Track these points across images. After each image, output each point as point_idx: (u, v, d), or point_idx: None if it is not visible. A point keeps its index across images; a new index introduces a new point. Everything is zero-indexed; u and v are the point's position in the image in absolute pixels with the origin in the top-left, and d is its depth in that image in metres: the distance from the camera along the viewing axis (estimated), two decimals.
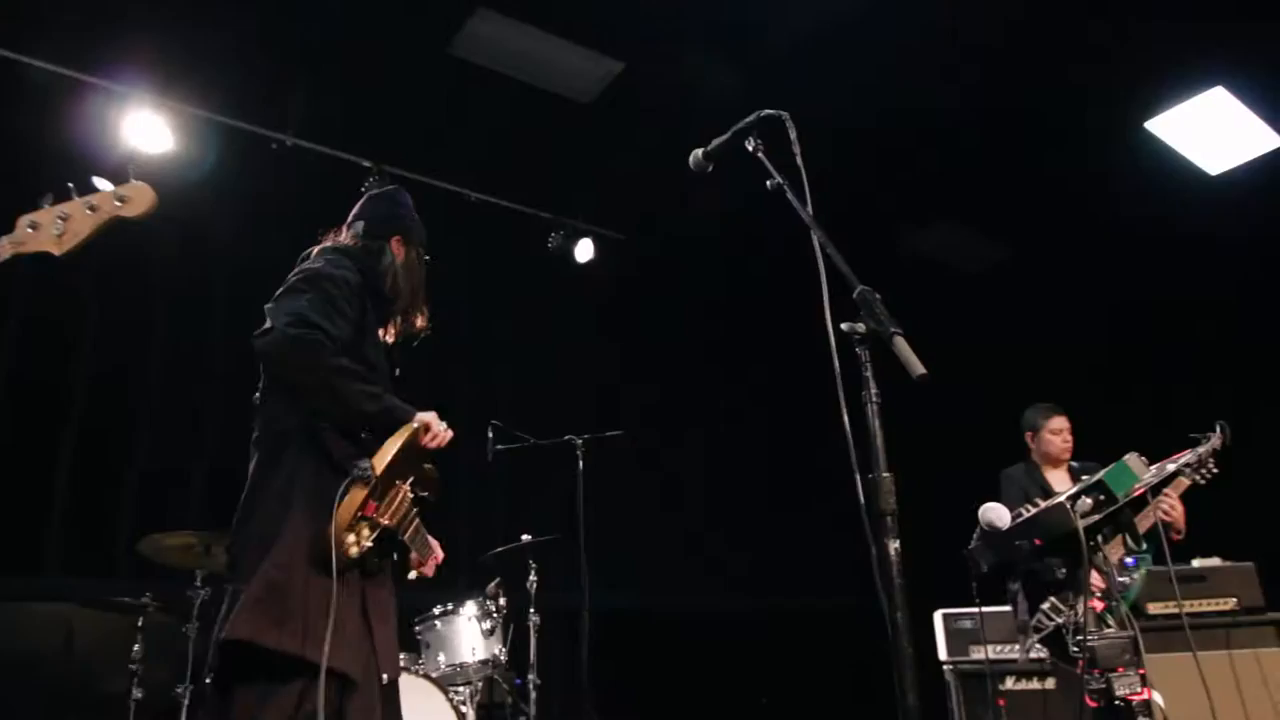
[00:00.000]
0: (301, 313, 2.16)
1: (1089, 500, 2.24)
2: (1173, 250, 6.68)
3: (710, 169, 2.25)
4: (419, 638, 4.15)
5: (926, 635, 5.04)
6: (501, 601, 4.17)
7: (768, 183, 2.00)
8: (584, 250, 6.87)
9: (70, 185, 1.84)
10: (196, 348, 5.75)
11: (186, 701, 3.76)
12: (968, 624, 4.99)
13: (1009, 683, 4.81)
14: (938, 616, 5.05)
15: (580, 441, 4.66)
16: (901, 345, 1.69)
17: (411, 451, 2.21)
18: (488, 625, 4.06)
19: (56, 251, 1.82)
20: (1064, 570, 2.28)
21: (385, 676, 2.17)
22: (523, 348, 7.28)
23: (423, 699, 3.65)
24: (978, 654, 4.93)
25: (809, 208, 1.94)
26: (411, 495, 2.27)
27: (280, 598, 1.99)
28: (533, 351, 7.30)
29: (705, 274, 7.81)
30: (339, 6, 5.05)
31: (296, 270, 2.36)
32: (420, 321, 2.71)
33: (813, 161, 2.00)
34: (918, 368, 1.67)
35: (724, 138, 2.16)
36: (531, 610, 4.32)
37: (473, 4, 5.03)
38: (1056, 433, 4.25)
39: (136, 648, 3.82)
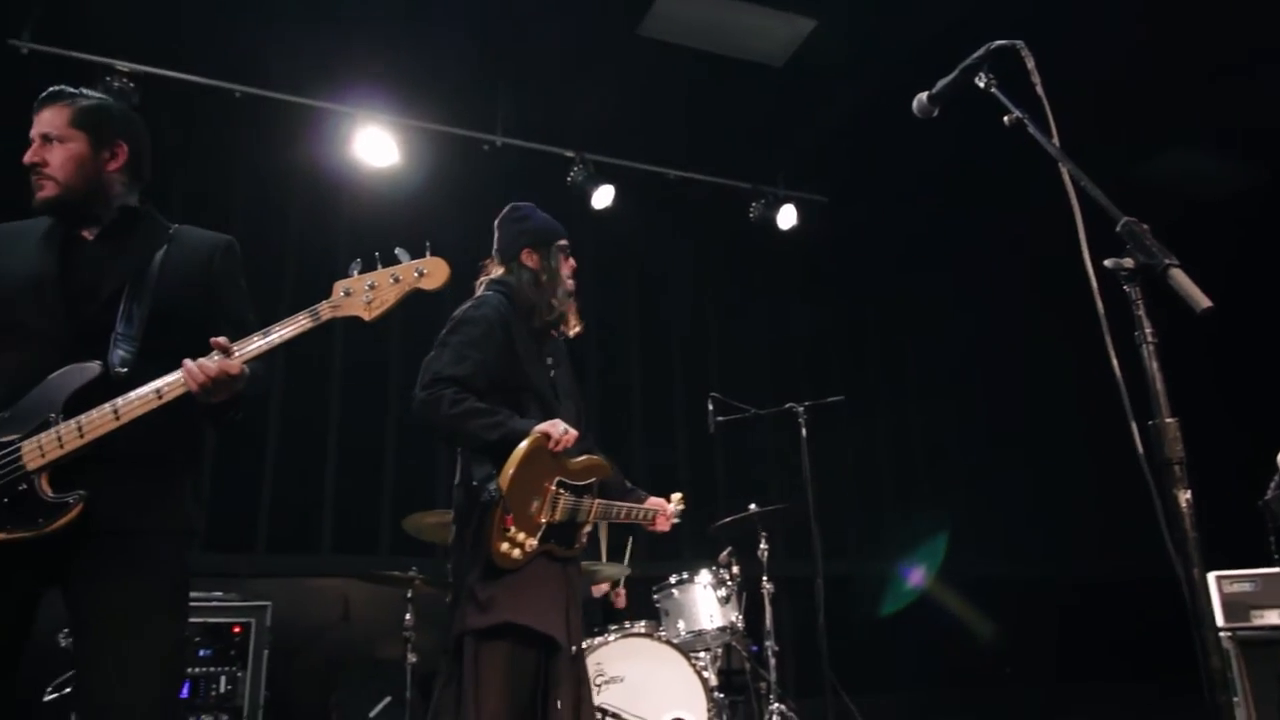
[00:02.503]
0: (434, 372, 2.51)
1: None
2: None
3: (935, 113, 2.14)
4: (658, 606, 4.28)
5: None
6: (735, 570, 4.23)
7: (1005, 118, 1.88)
8: (786, 217, 6.77)
9: (376, 255, 2.07)
10: (432, 338, 6.21)
11: (444, 667, 4.08)
12: (1248, 586, 4.50)
13: None
14: (1211, 579, 4.58)
15: (802, 409, 4.60)
16: (1179, 277, 1.53)
17: (540, 458, 2.47)
18: (723, 593, 4.12)
19: (367, 317, 2.03)
20: None
21: (574, 648, 2.52)
22: (734, 319, 7.31)
23: (667, 664, 3.76)
24: (1260, 619, 4.44)
25: (1055, 140, 1.80)
26: (566, 491, 2.55)
27: (479, 594, 2.42)
28: (744, 322, 7.32)
29: (915, 228, 7.49)
30: (531, 4, 5.24)
31: (453, 316, 2.72)
32: (573, 323, 2.87)
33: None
34: (1201, 300, 1.51)
35: (950, 77, 2.04)
36: (764, 578, 4.33)
37: None
38: None
39: (408, 616, 4.18)
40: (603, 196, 6.19)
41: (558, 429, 2.49)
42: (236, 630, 4.15)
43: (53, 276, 1.99)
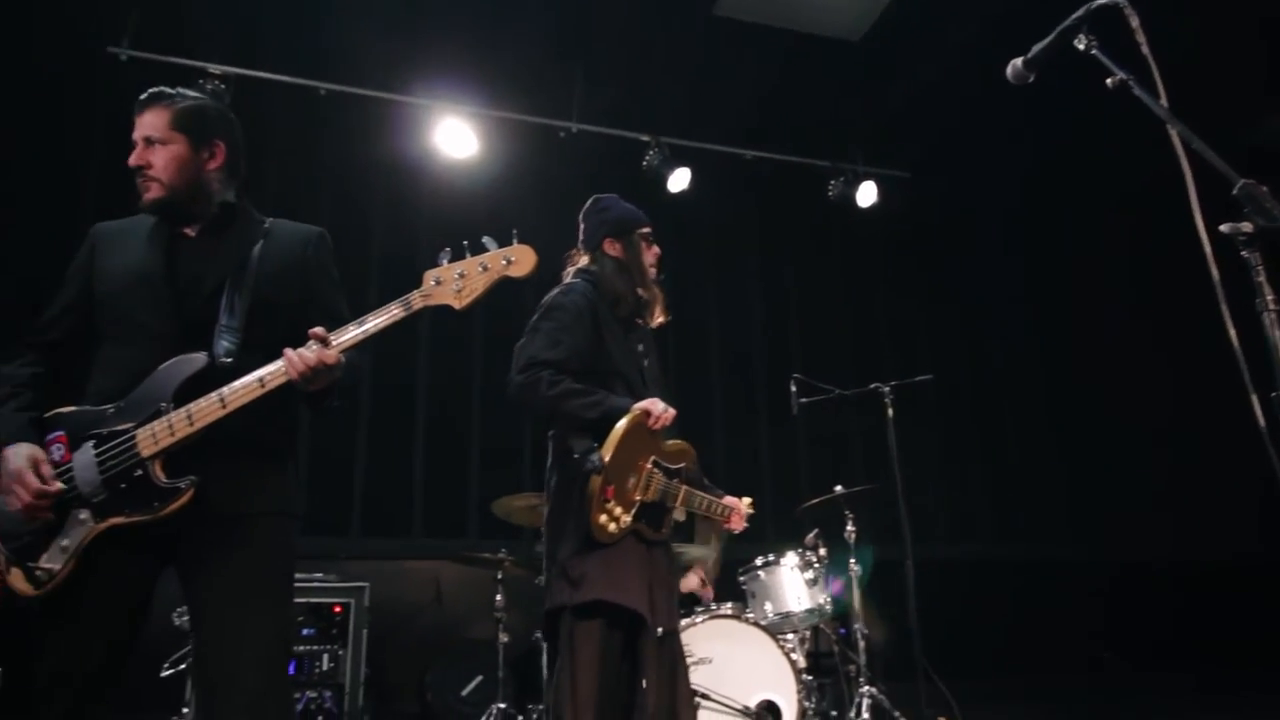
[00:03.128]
0: (529, 356, 2.58)
1: None
2: None
3: (1032, 79, 2.07)
4: (744, 588, 4.28)
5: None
6: (822, 551, 4.19)
7: (1108, 81, 1.80)
8: (866, 194, 6.64)
9: (465, 244, 2.08)
10: (515, 327, 6.31)
11: (545, 645, 4.16)
12: None
13: None
14: None
15: (887, 389, 4.51)
16: None
17: (639, 435, 2.53)
18: (810, 575, 4.09)
19: (457, 306, 2.05)
20: None
21: (660, 629, 2.53)
22: (815, 299, 7.22)
23: (755, 646, 3.76)
24: None
25: (1163, 100, 1.72)
26: (660, 471, 2.59)
27: (571, 571, 2.49)
28: (826, 302, 7.23)
29: (999, 202, 7.27)
30: None
31: (542, 303, 2.76)
32: (658, 312, 2.90)
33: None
34: None
35: (1048, 40, 1.96)
36: (852, 560, 4.28)
37: None
38: None
39: (499, 598, 4.27)
40: (679, 179, 6.17)
41: (657, 406, 2.54)
42: (337, 610, 4.30)
43: (160, 273, 2.08)
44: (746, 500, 2.98)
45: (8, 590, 1.89)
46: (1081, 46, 1.89)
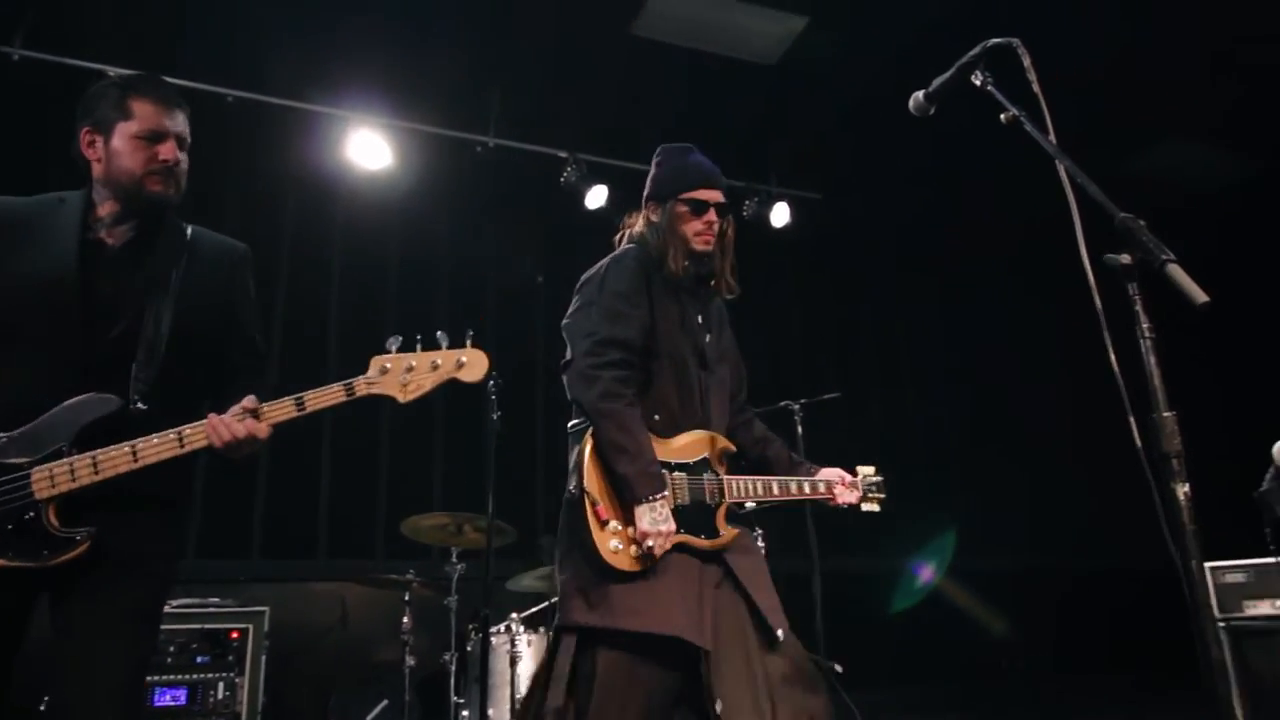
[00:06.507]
0: (591, 332, 2.31)
1: None
2: None
3: (932, 111, 2.14)
4: None
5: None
6: None
7: (1002, 116, 1.88)
8: (780, 215, 6.77)
9: (418, 337, 2.02)
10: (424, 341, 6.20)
11: (453, 668, 4.08)
12: (1240, 577, 4.53)
13: None
14: (1206, 569, 4.61)
15: (797, 406, 4.59)
16: (1177, 273, 1.53)
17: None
18: None
19: (401, 399, 1.97)
20: None
21: (780, 632, 2.21)
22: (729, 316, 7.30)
23: None
24: (1253, 609, 4.47)
25: (1051, 137, 1.80)
26: (676, 471, 2.30)
27: (575, 591, 2.20)
28: (737, 319, 7.31)
29: (908, 224, 7.51)
30: (524, 3, 5.22)
31: (592, 272, 2.49)
32: (726, 286, 2.67)
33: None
34: (1199, 295, 1.51)
35: (947, 75, 2.04)
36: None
37: None
38: None
39: (405, 620, 4.18)
40: (596, 197, 6.18)
41: (649, 541, 2.14)
42: (234, 635, 4.13)
43: (73, 285, 1.88)
44: (864, 469, 2.67)
45: None
46: (978, 82, 1.97)
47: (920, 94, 2.13)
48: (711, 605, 2.20)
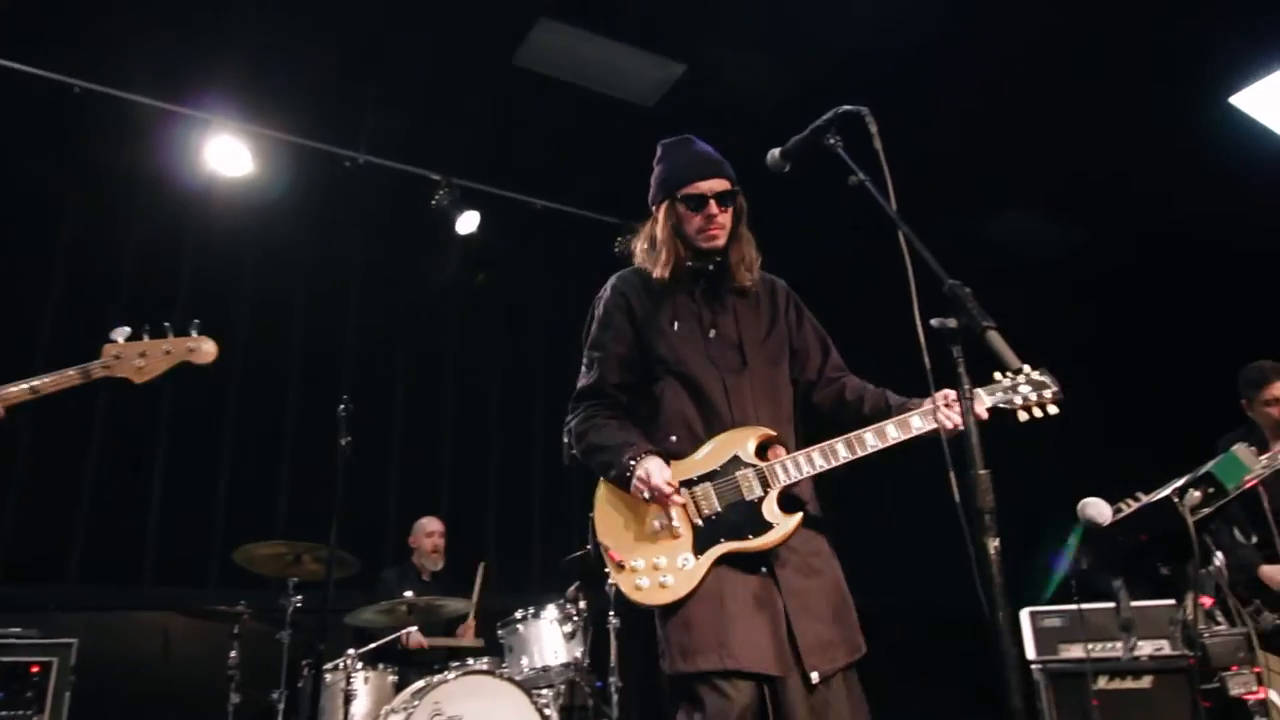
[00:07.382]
0: (573, 394, 2.39)
1: (1197, 493, 2.15)
2: None
3: (787, 169, 2.23)
4: (501, 641, 4.21)
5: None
6: (581, 605, 4.20)
7: (849, 179, 1.98)
8: None
9: (145, 327, 2.31)
10: (277, 358, 5.95)
11: (282, 706, 3.87)
12: (1056, 622, 4.86)
13: (1102, 682, 4.66)
14: (1024, 615, 4.92)
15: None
16: (995, 339, 1.65)
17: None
18: (569, 629, 4.09)
19: (136, 380, 2.26)
20: (1170, 568, 2.19)
21: (815, 674, 2.04)
22: None
23: (507, 701, 3.69)
24: (1066, 653, 4.80)
25: (892, 203, 1.91)
26: (689, 486, 2.12)
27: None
28: None
29: (782, 271, 7.75)
30: (404, 24, 5.15)
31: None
32: (744, 275, 2.43)
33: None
34: (1013, 361, 1.64)
35: (802, 135, 2.13)
36: (611, 613, 4.32)
37: (535, 14, 5.08)
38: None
39: (233, 654, 3.95)
40: (468, 222, 6.11)
41: (653, 479, 2.06)
42: (35, 670, 3.79)
43: None
44: (948, 394, 2.08)
45: None
46: (829, 144, 2.07)
47: (776, 151, 2.21)
48: (775, 624, 2.05)
